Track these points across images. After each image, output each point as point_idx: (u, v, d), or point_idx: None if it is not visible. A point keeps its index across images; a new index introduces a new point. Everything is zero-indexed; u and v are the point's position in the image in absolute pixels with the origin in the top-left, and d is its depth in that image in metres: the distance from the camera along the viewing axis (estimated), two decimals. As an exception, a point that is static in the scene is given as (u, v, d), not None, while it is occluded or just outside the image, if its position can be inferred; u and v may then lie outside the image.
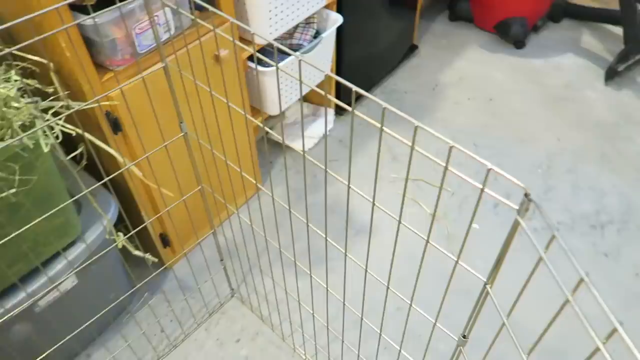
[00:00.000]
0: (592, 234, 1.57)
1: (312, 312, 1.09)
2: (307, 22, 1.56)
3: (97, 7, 0.83)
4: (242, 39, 1.41)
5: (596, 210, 1.64)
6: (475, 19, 2.42)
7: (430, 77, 2.18)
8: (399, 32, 2.06)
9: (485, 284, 0.59)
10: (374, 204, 0.66)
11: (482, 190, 0.48)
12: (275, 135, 0.78)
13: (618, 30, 2.35)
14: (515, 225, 0.49)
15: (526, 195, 0.45)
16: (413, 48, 2.27)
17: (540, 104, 2.06)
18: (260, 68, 1.40)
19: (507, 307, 0.56)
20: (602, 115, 2.01)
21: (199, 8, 1.14)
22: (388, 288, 0.78)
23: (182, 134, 0.98)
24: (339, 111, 2.00)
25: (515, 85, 2.15)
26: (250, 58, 1.42)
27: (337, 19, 1.59)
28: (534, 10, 2.29)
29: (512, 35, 2.28)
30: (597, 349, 0.41)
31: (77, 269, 1.01)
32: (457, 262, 0.61)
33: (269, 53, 1.52)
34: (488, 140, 1.89)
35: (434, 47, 2.34)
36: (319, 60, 1.61)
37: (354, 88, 0.55)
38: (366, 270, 0.80)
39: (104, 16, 0.94)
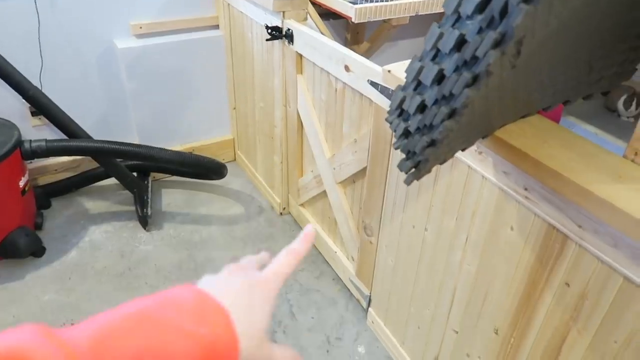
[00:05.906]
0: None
1: None
2: None
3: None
4: None
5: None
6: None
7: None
8: None
9: None
10: None
11: None
12: None
13: (109, 182, 2.34)
14: None
15: None
16: None
17: (119, 292, 1.84)
18: None
19: None
20: (168, 257, 2.02)
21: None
22: None
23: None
24: None
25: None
26: None
27: None
28: (24, 212, 1.95)
29: (25, 248, 1.89)
30: None
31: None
32: None
33: None
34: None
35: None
36: None
37: None
38: None
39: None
